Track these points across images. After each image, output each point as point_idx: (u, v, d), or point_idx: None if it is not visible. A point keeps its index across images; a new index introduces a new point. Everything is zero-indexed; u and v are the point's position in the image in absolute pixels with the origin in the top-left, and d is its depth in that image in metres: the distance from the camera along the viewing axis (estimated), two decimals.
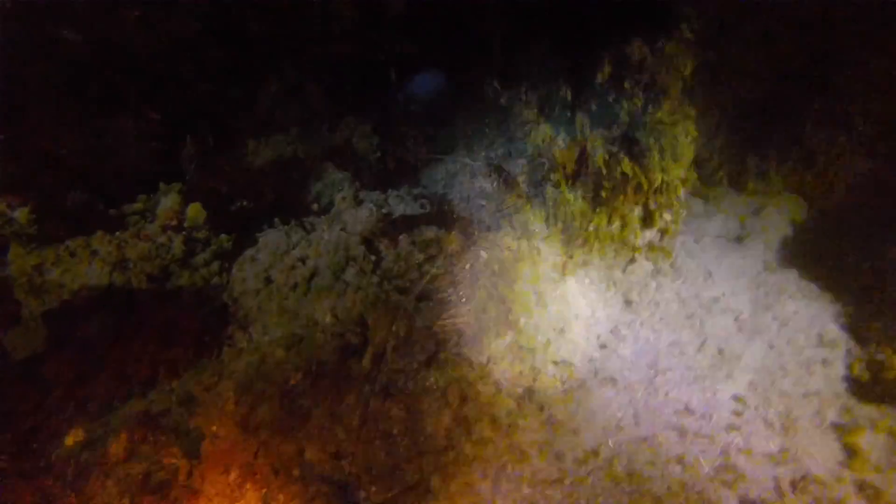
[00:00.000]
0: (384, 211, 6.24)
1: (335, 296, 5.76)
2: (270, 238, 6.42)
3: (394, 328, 5.44)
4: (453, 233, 6.67)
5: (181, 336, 5.32)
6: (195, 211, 6.05)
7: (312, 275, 5.99)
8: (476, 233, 7.21)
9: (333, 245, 6.02)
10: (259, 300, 5.91)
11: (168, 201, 6.00)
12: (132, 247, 5.63)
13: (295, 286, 5.91)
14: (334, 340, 5.40)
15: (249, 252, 6.25)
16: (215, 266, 5.92)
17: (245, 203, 6.94)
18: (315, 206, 8.20)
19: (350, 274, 5.89)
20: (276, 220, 7.08)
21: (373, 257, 6.02)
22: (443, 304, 5.84)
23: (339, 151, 9.37)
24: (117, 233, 5.77)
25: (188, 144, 7.23)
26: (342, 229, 6.12)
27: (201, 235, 5.98)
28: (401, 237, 6.35)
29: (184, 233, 5.98)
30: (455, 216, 7.80)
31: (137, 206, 6.06)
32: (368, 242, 6.15)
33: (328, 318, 5.55)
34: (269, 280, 6.03)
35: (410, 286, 5.94)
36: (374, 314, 5.52)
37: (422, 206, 8.27)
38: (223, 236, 6.08)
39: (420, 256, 6.19)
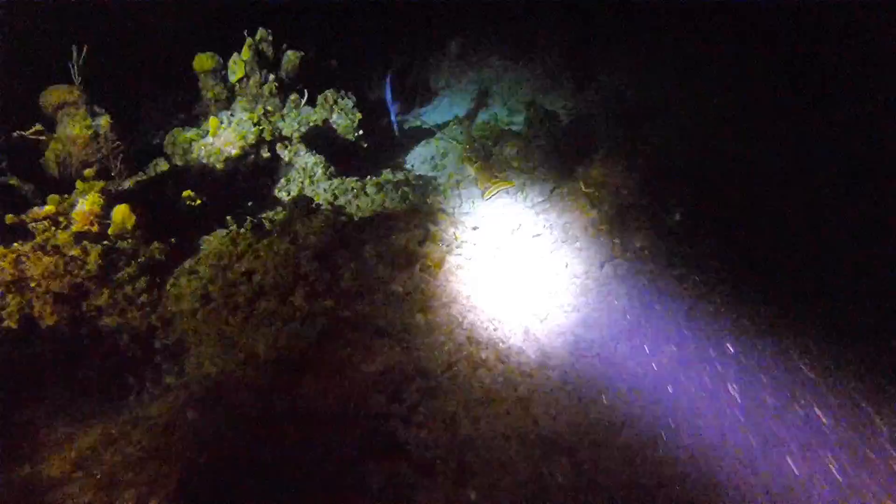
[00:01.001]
0: (343, 217, 4.95)
1: (280, 322, 4.57)
2: (215, 245, 5.20)
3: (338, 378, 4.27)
4: (429, 240, 5.43)
5: (86, 379, 4.17)
6: (121, 214, 4.83)
7: (257, 294, 4.78)
8: (457, 236, 5.96)
9: (282, 260, 4.80)
10: (195, 322, 4.72)
11: (86, 203, 4.76)
12: (35, 262, 4.42)
13: (236, 308, 4.72)
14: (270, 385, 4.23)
15: (188, 263, 5.04)
16: (143, 282, 4.70)
17: (194, 198, 5.65)
18: (283, 195, 6.95)
19: (299, 297, 4.69)
20: (229, 218, 5.83)
21: (328, 275, 4.80)
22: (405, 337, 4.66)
23: (315, 130, 8.04)
24: (16, 244, 4.57)
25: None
26: (293, 241, 4.87)
27: (127, 245, 4.75)
28: (365, 248, 5.12)
29: (105, 242, 4.75)
30: (439, 211, 6.52)
31: (47, 209, 4.82)
32: (323, 257, 4.92)
33: (270, 353, 4.37)
34: (208, 298, 4.83)
35: (369, 313, 4.74)
36: (321, 353, 4.33)
37: (403, 198, 6.98)
38: (155, 245, 4.86)
39: (386, 272, 4.97)
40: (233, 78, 8.41)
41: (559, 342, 5.31)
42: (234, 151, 6.76)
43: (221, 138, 6.82)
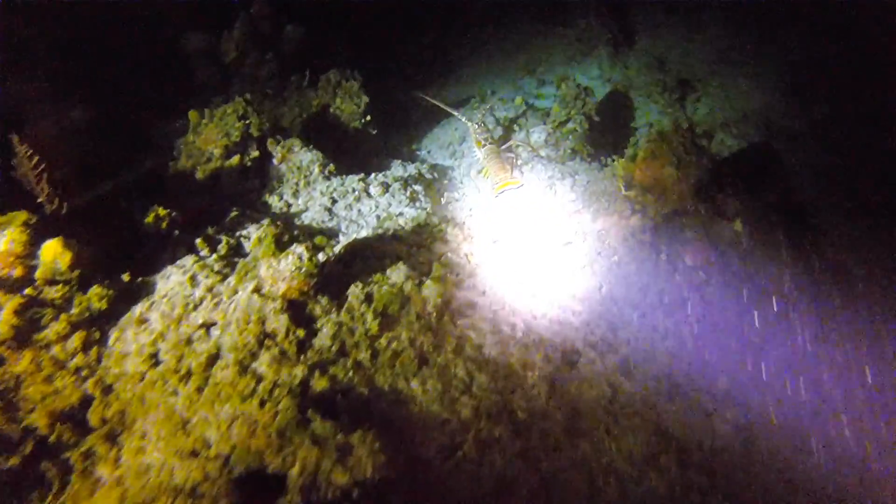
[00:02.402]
0: (319, 260, 3.64)
1: (238, 400, 3.36)
2: (173, 285, 3.98)
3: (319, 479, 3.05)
4: (434, 275, 4.11)
5: None
6: (52, 252, 3.63)
7: (214, 357, 3.56)
8: (470, 258, 4.61)
9: (243, 314, 3.55)
10: (142, 390, 3.55)
11: (4, 240, 3.57)
12: None
13: (188, 375, 3.52)
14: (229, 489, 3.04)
15: (140, 307, 3.83)
16: (76, 340, 3.53)
17: (163, 217, 4.41)
18: (275, 200, 5.67)
19: (264, 362, 3.45)
20: (200, 241, 4.59)
21: (299, 333, 3.54)
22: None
23: (315, 118, 6.67)
24: None
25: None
26: (257, 291, 3.60)
27: (55, 295, 3.56)
28: (350, 291, 3.83)
29: (31, 288, 3.57)
30: (450, 223, 5.15)
31: None
32: (296, 307, 3.65)
33: (223, 444, 3.17)
34: (157, 359, 3.64)
35: (346, 385, 3.49)
36: (289, 449, 3.11)
37: (412, 201, 5.63)
38: (95, 291, 3.65)
39: (374, 325, 3.69)
40: (226, 59, 7.04)
41: (592, 395, 4.01)
42: (216, 151, 5.44)
43: (202, 135, 5.51)
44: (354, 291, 3.80)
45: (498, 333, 4.02)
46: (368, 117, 6.93)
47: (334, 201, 5.72)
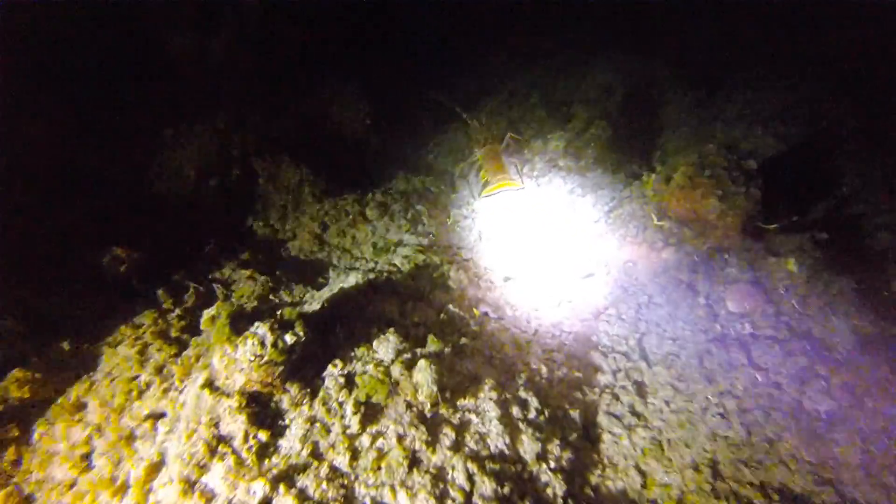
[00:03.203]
0: (286, 343, 2.78)
1: None
2: (121, 358, 3.16)
3: None
4: (429, 349, 3.24)
5: None
6: None
7: (157, 466, 2.76)
8: (476, 313, 3.74)
9: (192, 412, 2.72)
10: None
11: None
12: None
13: (125, 489, 2.73)
14: None
15: (75, 391, 3.04)
16: None
17: (123, 258, 3.59)
18: (262, 228, 4.82)
19: (217, 475, 2.64)
20: (161, 291, 3.76)
21: (262, 435, 2.71)
22: None
23: (310, 128, 5.75)
24: None
25: None
26: (209, 385, 2.77)
27: None
28: (327, 372, 2.98)
29: None
30: (459, 267, 4.26)
31: None
32: (258, 401, 2.81)
33: None
34: (90, 463, 2.85)
35: (332, 498, 2.67)
36: None
37: (413, 225, 4.74)
38: (14, 375, 2.87)
39: (355, 419, 2.85)
40: (214, 61, 6.10)
41: (618, 488, 3.16)
42: (191, 174, 4.57)
43: (178, 155, 4.64)
44: (332, 374, 2.95)
45: (507, 416, 3.15)
46: (369, 122, 5.96)
47: (325, 227, 4.85)
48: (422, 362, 3.00)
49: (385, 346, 3.15)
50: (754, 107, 6.97)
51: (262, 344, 2.72)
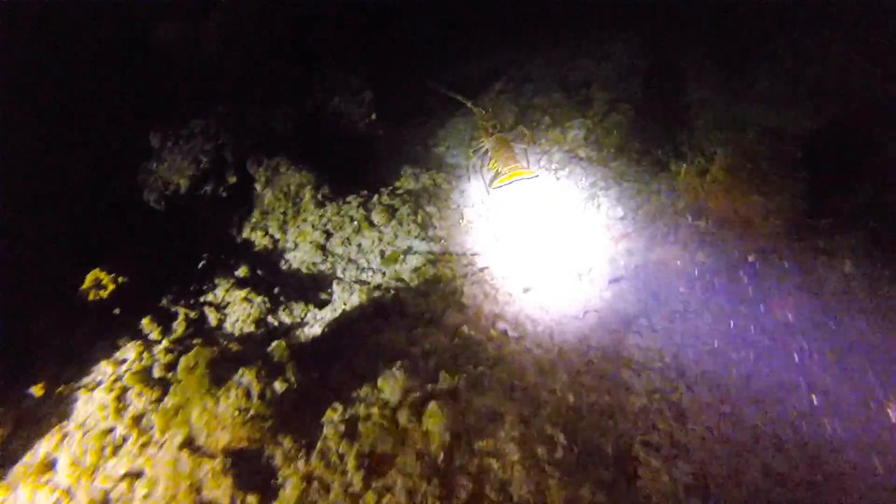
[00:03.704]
0: (275, 391, 2.37)
1: None
2: (97, 406, 2.77)
3: None
4: (441, 386, 2.79)
5: None
6: None
7: None
8: (498, 339, 3.28)
9: (170, 478, 2.32)
10: None
11: None
12: None
13: None
14: None
15: (44, 447, 2.66)
16: None
17: (103, 279, 3.19)
18: (257, 236, 4.40)
19: None
20: (147, 319, 3.35)
21: (251, 501, 2.30)
22: None
23: (310, 124, 5.26)
24: None
25: None
26: (187, 445, 2.35)
27: None
28: (325, 418, 2.56)
29: None
30: (473, 282, 3.79)
31: None
32: (246, 459, 2.39)
33: None
34: None
35: None
36: None
37: (423, 229, 4.28)
38: None
39: (358, 476, 2.42)
40: (206, 54, 5.62)
41: None
42: (182, 182, 4.13)
43: (167, 162, 4.20)
44: (332, 421, 2.51)
45: (531, 458, 2.70)
46: (374, 116, 5.45)
47: (328, 235, 4.40)
48: (433, 406, 2.56)
49: (391, 384, 2.71)
50: (785, 81, 6.28)
51: (248, 395, 2.29)
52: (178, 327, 3.25)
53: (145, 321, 3.24)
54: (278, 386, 2.45)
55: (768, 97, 6.06)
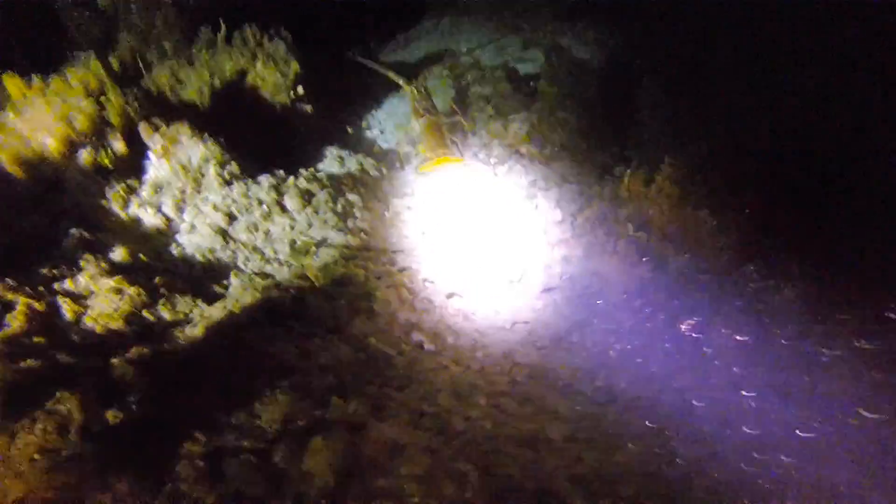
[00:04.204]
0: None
1: None
2: None
3: None
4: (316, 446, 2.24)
5: None
6: None
7: None
8: (409, 354, 2.75)
9: None
10: None
11: None
12: None
13: None
14: None
15: None
16: None
17: None
18: (151, 216, 3.69)
19: None
20: None
21: None
22: None
23: (227, 91, 4.55)
24: None
25: None
26: None
27: None
28: (182, 455, 1.93)
29: None
30: (390, 284, 3.24)
31: None
32: None
33: None
34: None
35: None
36: None
37: (343, 219, 3.71)
38: None
39: None
40: (102, 4, 4.79)
41: None
42: (52, 144, 3.36)
43: (28, 117, 3.41)
44: (190, 455, 1.95)
45: (438, 497, 2.19)
46: (300, 90, 4.79)
47: (233, 218, 3.75)
48: (316, 442, 1.98)
49: (271, 411, 2.11)
50: (744, 87, 5.98)
51: (62, 430, 1.63)
52: (14, 322, 2.53)
53: None
54: (111, 417, 1.82)
55: (726, 104, 5.73)
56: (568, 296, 3.78)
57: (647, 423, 2.89)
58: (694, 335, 3.38)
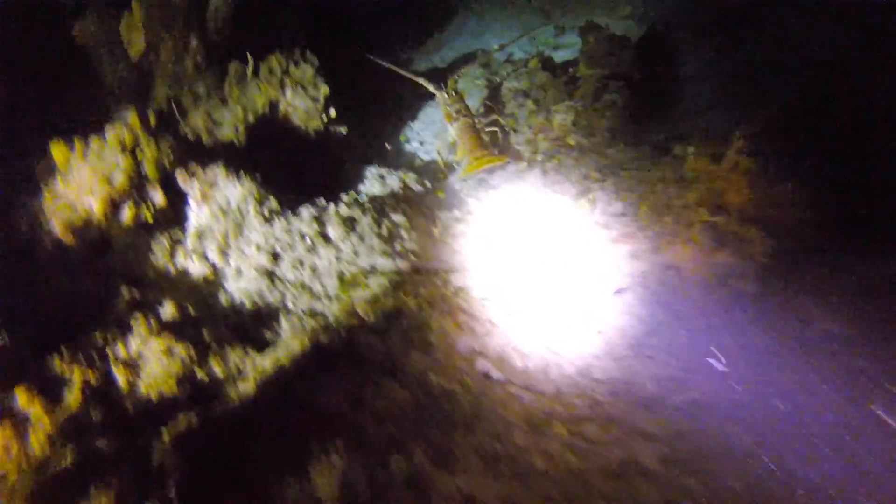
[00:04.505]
0: None
1: None
2: None
3: None
4: None
5: None
6: None
7: None
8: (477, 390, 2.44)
9: None
10: None
11: None
12: None
13: None
14: None
15: None
16: None
17: None
18: (198, 266, 3.61)
19: None
20: (22, 390, 2.53)
21: None
22: None
23: (253, 126, 4.43)
24: None
25: None
26: None
27: None
28: None
29: None
30: (444, 311, 2.97)
31: None
32: None
33: None
34: None
35: None
36: None
37: (389, 243, 3.50)
38: None
39: None
40: (132, 50, 4.77)
41: None
42: (96, 206, 3.30)
43: (74, 182, 3.36)
44: None
45: None
46: (333, 112, 4.59)
47: (277, 257, 3.56)
48: None
49: (326, 478, 1.85)
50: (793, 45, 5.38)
51: None
52: (69, 397, 2.41)
53: (21, 391, 2.41)
54: None
55: (772, 68, 5.15)
56: (641, 296, 3.38)
57: (753, 438, 2.46)
58: (791, 326, 2.91)
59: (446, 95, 4.66)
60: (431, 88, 4.83)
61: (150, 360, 2.76)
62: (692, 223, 3.29)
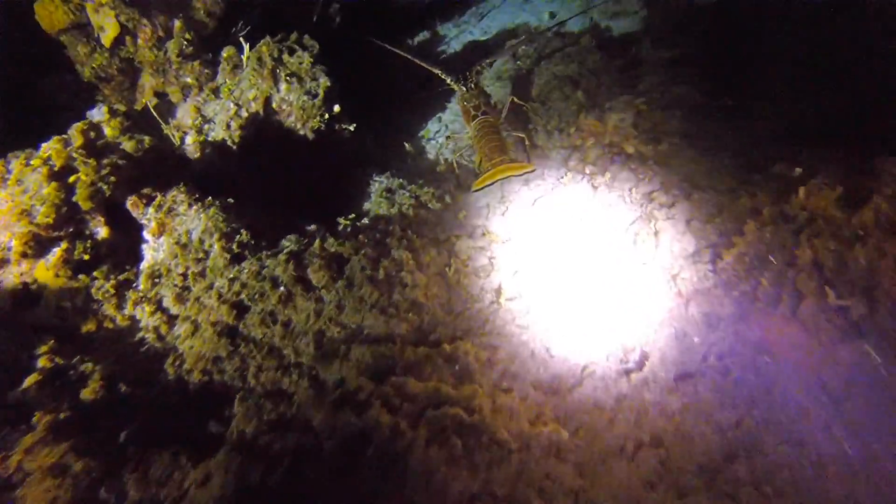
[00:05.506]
0: None
1: None
2: None
3: None
4: None
5: None
6: None
7: None
8: None
9: None
10: None
11: None
12: None
13: None
14: None
15: None
16: None
17: None
18: (149, 318, 2.83)
19: None
20: None
21: None
22: None
23: (252, 124, 3.50)
24: None
25: None
26: None
27: None
28: None
29: None
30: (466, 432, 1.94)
31: None
32: None
33: None
34: None
35: None
36: None
37: (388, 302, 2.51)
38: None
39: None
40: (105, 37, 3.89)
41: None
42: (15, 248, 2.47)
43: None
44: None
45: None
46: (337, 108, 3.57)
47: (243, 310, 2.62)
48: None
49: None
50: None
51: None
52: None
53: None
54: None
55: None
56: (719, 390, 2.25)
57: None
58: None
59: (464, 89, 3.55)
60: (448, 80, 3.71)
61: (31, 484, 1.89)
62: (803, 293, 2.10)
